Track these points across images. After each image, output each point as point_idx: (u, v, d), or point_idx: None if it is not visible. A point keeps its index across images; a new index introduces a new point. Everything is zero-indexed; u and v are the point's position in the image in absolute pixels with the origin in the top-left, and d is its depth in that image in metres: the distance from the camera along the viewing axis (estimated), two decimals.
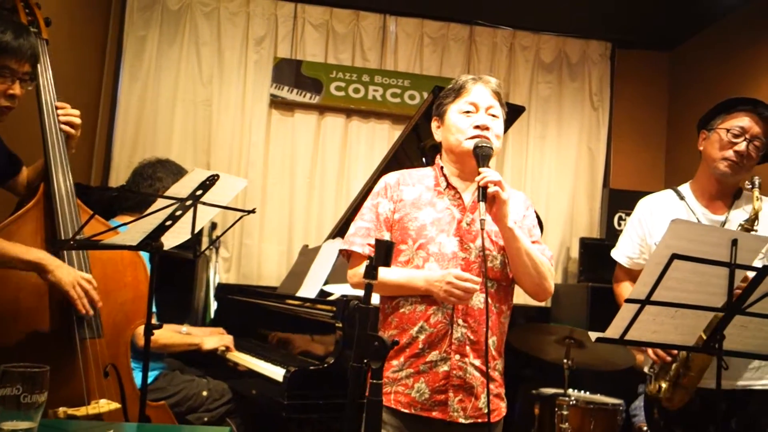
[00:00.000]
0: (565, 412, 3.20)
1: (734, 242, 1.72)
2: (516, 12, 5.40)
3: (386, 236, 2.10)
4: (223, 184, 2.10)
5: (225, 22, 5.27)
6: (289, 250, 5.19)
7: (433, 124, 2.24)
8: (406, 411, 2.00)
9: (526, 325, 3.96)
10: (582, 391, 3.59)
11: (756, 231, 2.29)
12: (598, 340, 1.82)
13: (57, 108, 2.29)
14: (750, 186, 2.38)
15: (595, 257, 5.10)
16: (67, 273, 2.10)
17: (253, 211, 2.31)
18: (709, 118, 2.55)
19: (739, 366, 2.39)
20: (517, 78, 5.61)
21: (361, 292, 1.67)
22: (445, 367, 1.99)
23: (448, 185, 2.13)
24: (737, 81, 4.91)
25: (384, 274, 2.00)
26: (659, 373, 2.44)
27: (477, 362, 2.00)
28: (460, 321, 2.00)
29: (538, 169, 5.62)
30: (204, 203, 2.11)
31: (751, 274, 1.77)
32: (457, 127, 2.11)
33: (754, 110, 2.45)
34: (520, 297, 5.85)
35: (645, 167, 5.79)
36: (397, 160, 3.41)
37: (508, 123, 4.05)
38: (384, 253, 1.62)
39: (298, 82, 5.26)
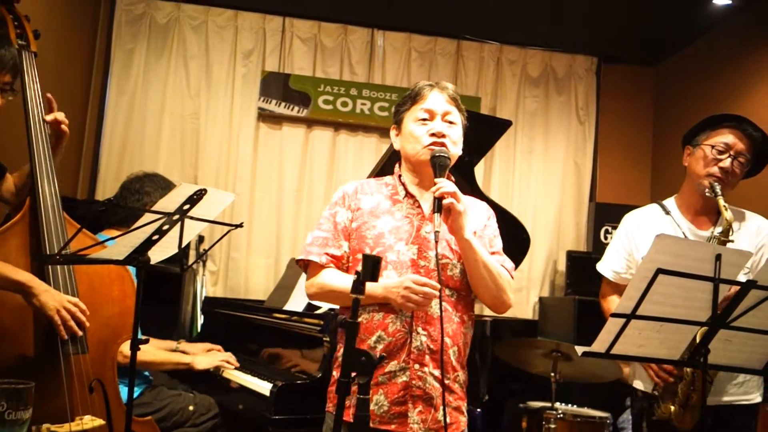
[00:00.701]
0: (552, 426, 3.20)
1: (718, 257, 1.73)
2: (503, 27, 5.46)
3: (344, 246, 2.08)
4: (211, 198, 2.09)
5: (213, 36, 5.28)
6: (277, 264, 5.18)
7: (392, 132, 2.22)
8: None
9: (514, 338, 3.97)
10: (569, 405, 3.59)
11: (732, 242, 2.31)
12: (585, 354, 1.82)
13: (49, 101, 2.28)
14: (712, 194, 2.38)
15: (582, 270, 5.12)
16: (52, 297, 2.08)
17: (240, 225, 2.30)
18: (693, 134, 2.57)
19: (724, 381, 2.40)
20: (504, 92, 5.66)
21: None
22: (404, 378, 1.95)
23: (407, 194, 2.11)
24: (722, 96, 4.97)
25: (342, 283, 1.99)
26: (665, 395, 2.42)
27: (437, 372, 1.96)
28: (419, 329, 1.96)
29: (525, 182, 5.65)
30: (191, 218, 2.10)
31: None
32: (413, 135, 2.08)
33: (739, 127, 2.47)
34: (507, 311, 5.83)
35: (631, 181, 5.84)
36: (385, 173, 3.39)
37: (495, 137, 4.13)
38: (371, 268, 1.62)
39: (286, 95, 5.27)
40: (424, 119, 2.09)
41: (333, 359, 2.13)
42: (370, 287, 1.91)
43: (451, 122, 2.11)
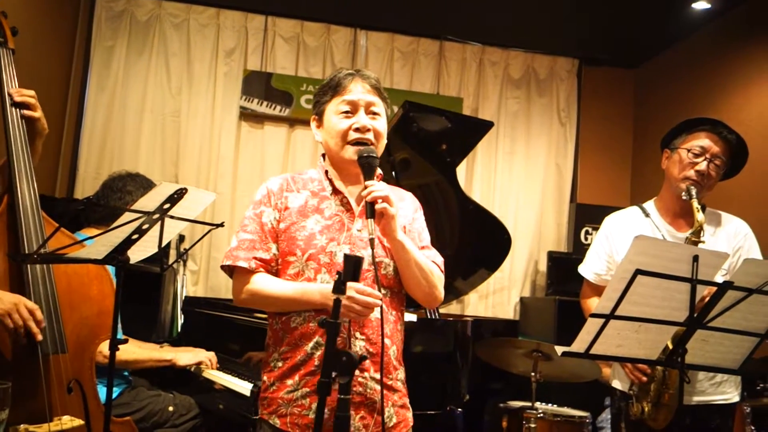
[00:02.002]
0: (532, 425, 3.22)
1: (696, 258, 1.75)
2: (485, 28, 5.48)
3: (272, 248, 1.96)
4: (192, 197, 2.08)
5: (194, 34, 5.25)
6: None
7: (312, 124, 2.11)
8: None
9: (494, 338, 3.98)
10: (549, 404, 3.61)
11: (703, 242, 2.34)
12: (564, 354, 1.84)
13: (11, 96, 2.24)
14: (687, 197, 2.41)
15: (563, 271, 5.17)
16: (1, 302, 2.03)
17: (221, 225, 2.29)
18: (670, 138, 2.61)
19: (701, 381, 2.44)
20: (486, 93, 5.68)
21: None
22: None
23: (334, 190, 2.01)
24: (701, 99, 5.03)
25: (276, 288, 1.91)
26: (639, 395, 2.45)
27: (377, 375, 1.88)
28: (357, 334, 1.88)
29: (506, 183, 5.68)
30: (172, 217, 2.08)
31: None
32: (336, 129, 1.98)
33: (714, 130, 2.51)
34: (488, 310, 5.87)
35: (611, 182, 5.89)
36: None
37: (477, 138, 4.15)
38: (352, 268, 1.62)
39: (268, 94, 5.25)
40: (347, 112, 1.99)
41: (263, 363, 2.01)
42: (307, 292, 1.86)
43: (375, 113, 2.01)
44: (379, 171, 1.99)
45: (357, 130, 1.97)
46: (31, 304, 2.09)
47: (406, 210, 2.09)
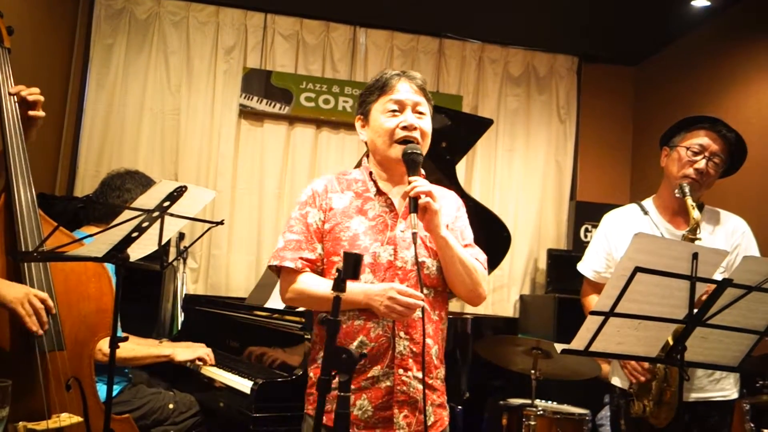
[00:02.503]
0: (532, 422, 3.23)
1: (695, 256, 1.76)
2: (485, 25, 5.47)
3: (318, 248, 2.01)
4: (191, 195, 2.08)
5: (194, 32, 5.24)
6: (258, 261, 5.16)
7: (357, 124, 2.12)
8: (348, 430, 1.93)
9: (494, 336, 3.99)
10: (549, 402, 3.61)
11: (699, 240, 2.34)
12: (564, 351, 1.84)
13: (14, 94, 2.24)
14: (680, 194, 2.41)
15: (562, 268, 5.16)
16: (14, 290, 2.04)
17: (221, 223, 2.29)
18: (670, 136, 2.60)
19: (700, 378, 2.44)
20: (486, 91, 5.68)
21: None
22: (388, 383, 1.91)
23: (378, 191, 2.04)
24: (701, 96, 5.03)
25: (321, 288, 1.93)
26: (640, 393, 2.45)
27: (420, 374, 1.93)
28: (401, 334, 1.92)
29: (506, 181, 5.68)
30: (171, 215, 2.09)
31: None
32: (383, 128, 2.01)
33: (713, 128, 2.51)
34: (488, 308, 5.88)
35: (611, 180, 5.89)
36: None
37: (477, 136, 4.15)
38: (352, 266, 1.62)
39: (268, 92, 5.25)
40: (394, 110, 2.01)
41: (309, 360, 2.08)
42: (351, 292, 1.87)
43: (421, 113, 2.04)
44: (422, 171, 2.01)
45: (404, 128, 2.00)
46: (42, 294, 2.10)
47: (449, 208, 2.10)
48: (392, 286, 1.86)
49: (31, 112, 2.25)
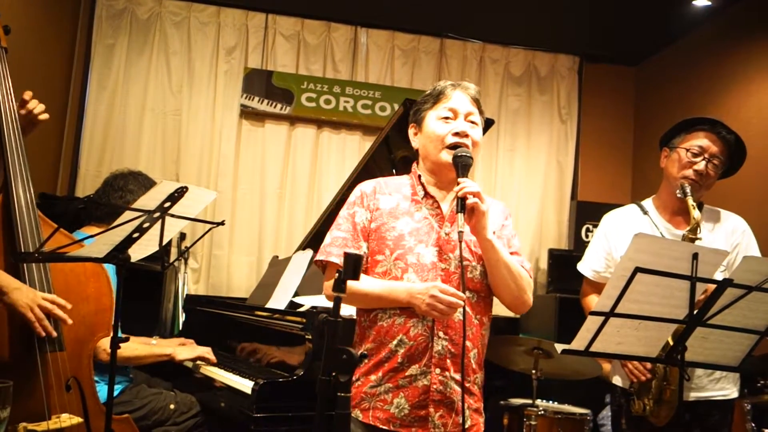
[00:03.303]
0: (533, 422, 3.23)
1: (695, 256, 1.75)
2: (486, 25, 5.47)
3: (363, 246, 2.04)
4: (192, 196, 2.09)
5: (195, 32, 5.24)
6: (259, 261, 5.16)
7: (410, 131, 2.18)
8: (385, 428, 1.93)
9: (495, 336, 3.98)
10: (550, 401, 3.61)
11: (700, 239, 2.34)
12: (564, 351, 1.84)
13: (24, 102, 2.25)
14: (681, 194, 2.41)
15: (564, 268, 5.15)
16: (24, 295, 2.05)
17: (222, 223, 2.30)
18: (669, 137, 2.61)
19: (700, 377, 2.44)
20: (487, 90, 5.67)
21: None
22: (425, 381, 1.93)
23: (426, 194, 2.08)
24: (701, 96, 5.02)
25: (365, 285, 1.96)
26: (640, 392, 2.46)
27: (457, 376, 1.95)
28: (440, 333, 1.94)
29: (507, 181, 5.68)
30: (172, 215, 2.09)
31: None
32: (436, 134, 2.05)
33: (713, 130, 2.51)
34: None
35: (612, 180, 5.88)
36: (368, 171, 3.41)
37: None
38: (352, 266, 1.62)
39: (269, 92, 5.25)
40: (447, 118, 2.07)
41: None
42: (395, 290, 1.94)
43: (473, 123, 2.09)
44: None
45: (456, 134, 2.04)
46: (50, 296, 2.11)
47: (497, 215, 2.13)
48: (435, 284, 1.89)
49: (40, 117, 2.26)
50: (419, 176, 2.12)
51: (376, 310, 2.00)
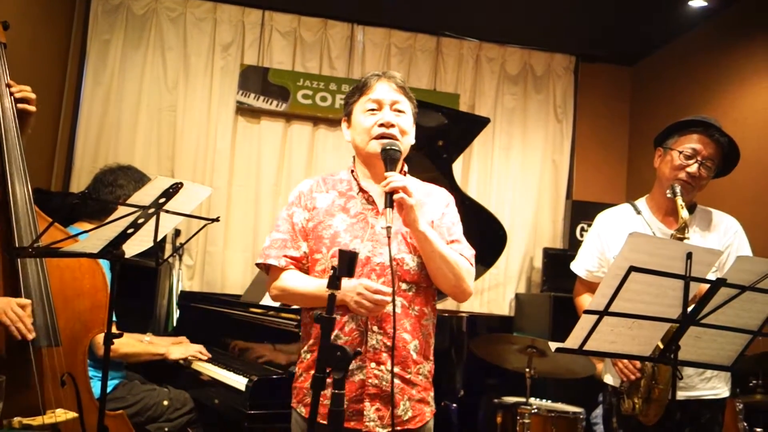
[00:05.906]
0: (527, 420, 3.24)
1: (689, 255, 1.76)
2: (482, 24, 5.47)
3: (303, 246, 2.05)
4: (187, 192, 2.08)
5: (191, 28, 5.23)
6: (254, 258, 5.12)
7: (343, 125, 2.18)
8: (323, 422, 1.86)
9: (489, 334, 3.99)
10: (543, 400, 3.62)
11: (688, 239, 2.35)
12: (558, 350, 1.85)
13: (9, 86, 2.24)
14: (671, 195, 2.42)
15: (558, 267, 5.17)
16: None
17: (217, 220, 2.29)
18: (663, 138, 2.61)
19: (691, 376, 2.45)
20: (483, 89, 5.68)
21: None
22: (361, 376, 1.94)
23: (360, 189, 2.08)
24: (697, 96, 5.04)
25: (301, 285, 1.99)
26: (630, 391, 2.47)
27: (397, 369, 1.95)
28: (375, 328, 1.95)
29: (502, 179, 5.68)
30: (167, 211, 2.09)
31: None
32: (362, 126, 2.06)
33: (706, 132, 2.51)
34: (483, 306, 5.88)
35: (607, 179, 5.90)
36: None
37: (474, 134, 4.15)
38: (347, 263, 1.62)
39: (265, 89, 5.24)
40: (373, 109, 2.06)
41: (298, 355, 2.11)
42: (324, 288, 1.90)
43: (399, 111, 2.07)
44: (406, 167, 2.09)
45: (382, 125, 2.04)
46: (24, 301, 2.10)
47: (435, 205, 2.13)
48: (361, 282, 1.90)
49: (21, 106, 2.25)
50: (353, 171, 2.13)
51: (315, 307, 1.99)
